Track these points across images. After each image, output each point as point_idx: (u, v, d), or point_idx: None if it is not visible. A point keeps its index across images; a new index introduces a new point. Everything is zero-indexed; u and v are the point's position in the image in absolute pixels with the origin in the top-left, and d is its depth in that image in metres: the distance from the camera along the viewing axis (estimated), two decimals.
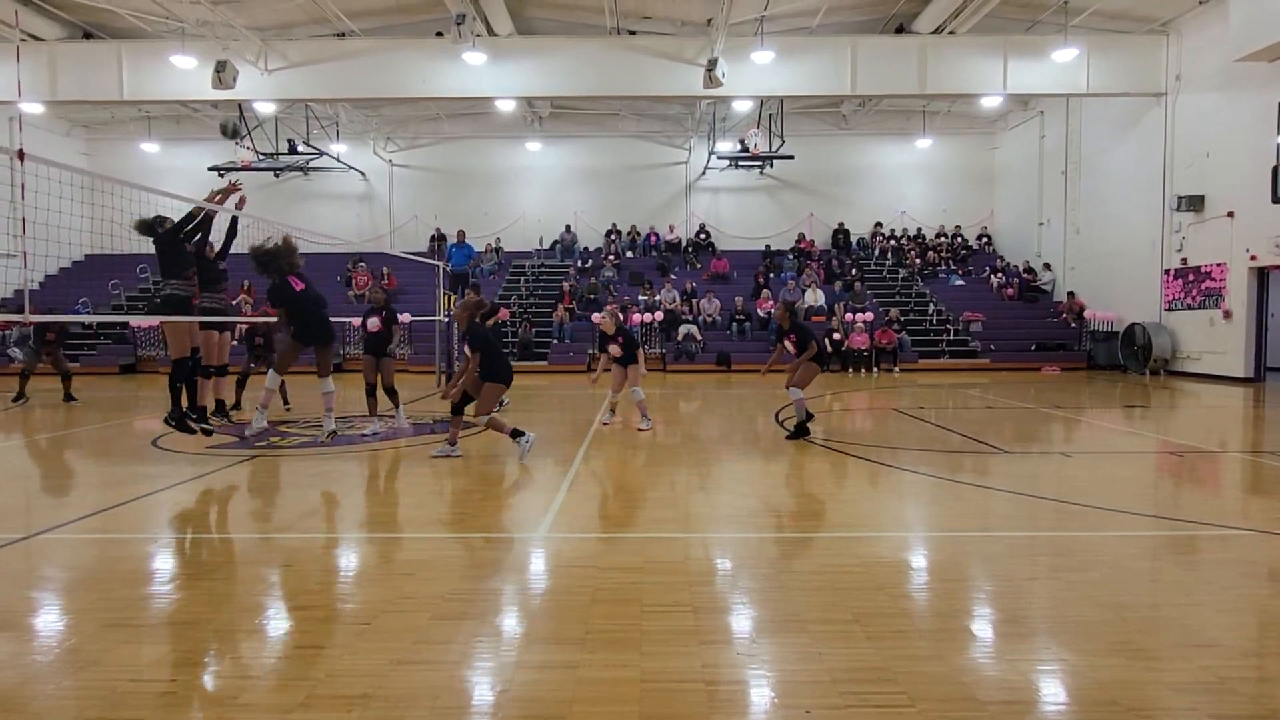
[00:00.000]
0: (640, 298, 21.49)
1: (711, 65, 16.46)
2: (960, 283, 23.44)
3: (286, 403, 11.58)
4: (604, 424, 9.59)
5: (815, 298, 21.68)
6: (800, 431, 8.55)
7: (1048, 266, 22.76)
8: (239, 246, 9.14)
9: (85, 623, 3.52)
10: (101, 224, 18.91)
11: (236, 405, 11.08)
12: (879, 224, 25.52)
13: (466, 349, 7.49)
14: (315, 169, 24.78)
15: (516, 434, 7.37)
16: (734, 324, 20.88)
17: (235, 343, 11.79)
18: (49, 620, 3.64)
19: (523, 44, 17.73)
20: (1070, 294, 21.10)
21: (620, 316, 9.82)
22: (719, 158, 23.41)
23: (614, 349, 9.42)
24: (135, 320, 19.87)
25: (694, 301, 21.69)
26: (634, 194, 25.88)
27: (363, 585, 4.10)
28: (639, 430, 9.15)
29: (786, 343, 8.71)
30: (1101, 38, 17.41)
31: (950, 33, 17.11)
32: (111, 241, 21.55)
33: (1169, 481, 6.84)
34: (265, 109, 21.83)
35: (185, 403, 7.62)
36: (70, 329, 20.84)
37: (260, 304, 21.14)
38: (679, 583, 3.99)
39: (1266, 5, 13.48)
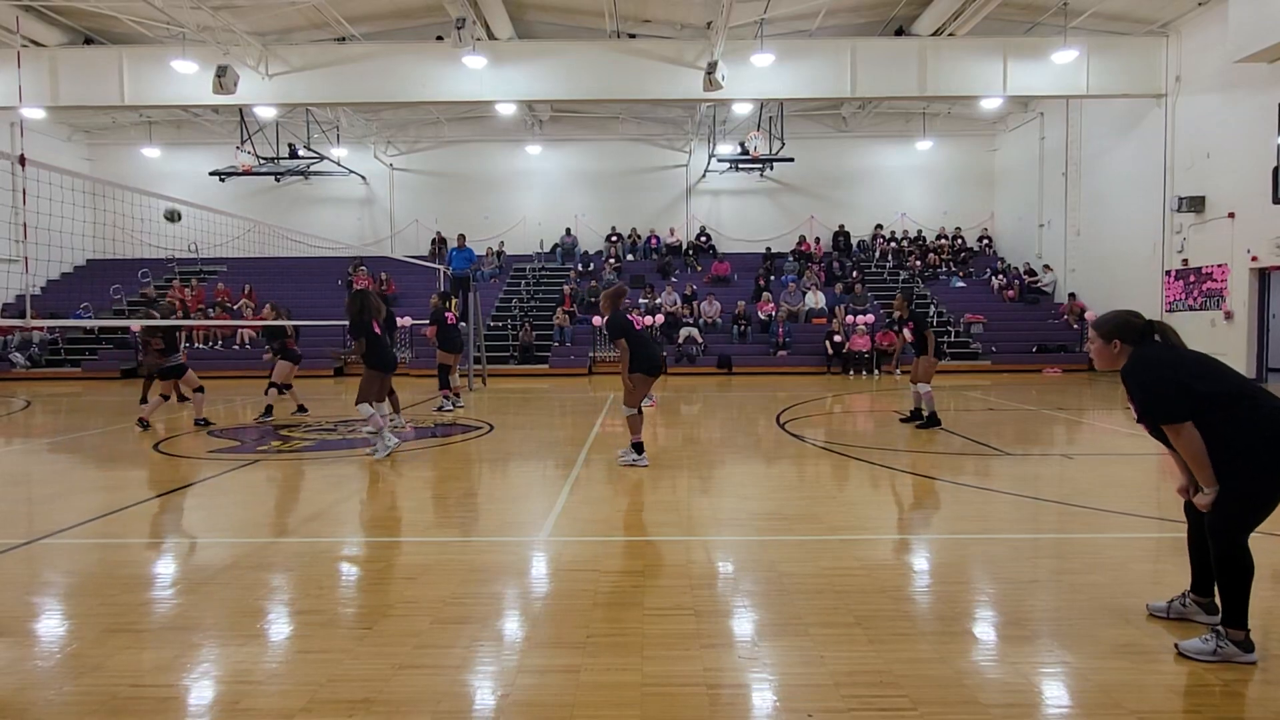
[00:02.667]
0: (641, 301, 21.48)
1: (711, 68, 16.47)
2: (961, 285, 23.43)
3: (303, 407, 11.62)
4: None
5: (816, 300, 21.69)
6: (931, 421, 9.31)
7: (1048, 268, 22.75)
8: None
9: (86, 628, 3.52)
10: (103, 229, 19.02)
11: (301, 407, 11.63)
12: (879, 226, 25.52)
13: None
14: (316, 173, 24.81)
15: (639, 447, 7.20)
16: (735, 327, 20.88)
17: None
18: (50, 625, 3.64)
19: (523, 48, 17.75)
20: (1071, 295, 21.08)
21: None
22: (719, 160, 23.42)
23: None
24: (138, 325, 19.87)
25: (695, 304, 21.69)
26: (634, 197, 25.89)
27: (364, 590, 4.10)
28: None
29: (906, 331, 9.70)
30: (1101, 39, 17.42)
31: (950, 35, 17.12)
32: (113, 246, 21.65)
33: (1171, 483, 6.82)
34: (266, 113, 21.86)
35: None
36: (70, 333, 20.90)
37: (260, 309, 21.16)
38: (680, 586, 3.98)
39: (1266, 7, 13.48)
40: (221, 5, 15.71)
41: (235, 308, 21.57)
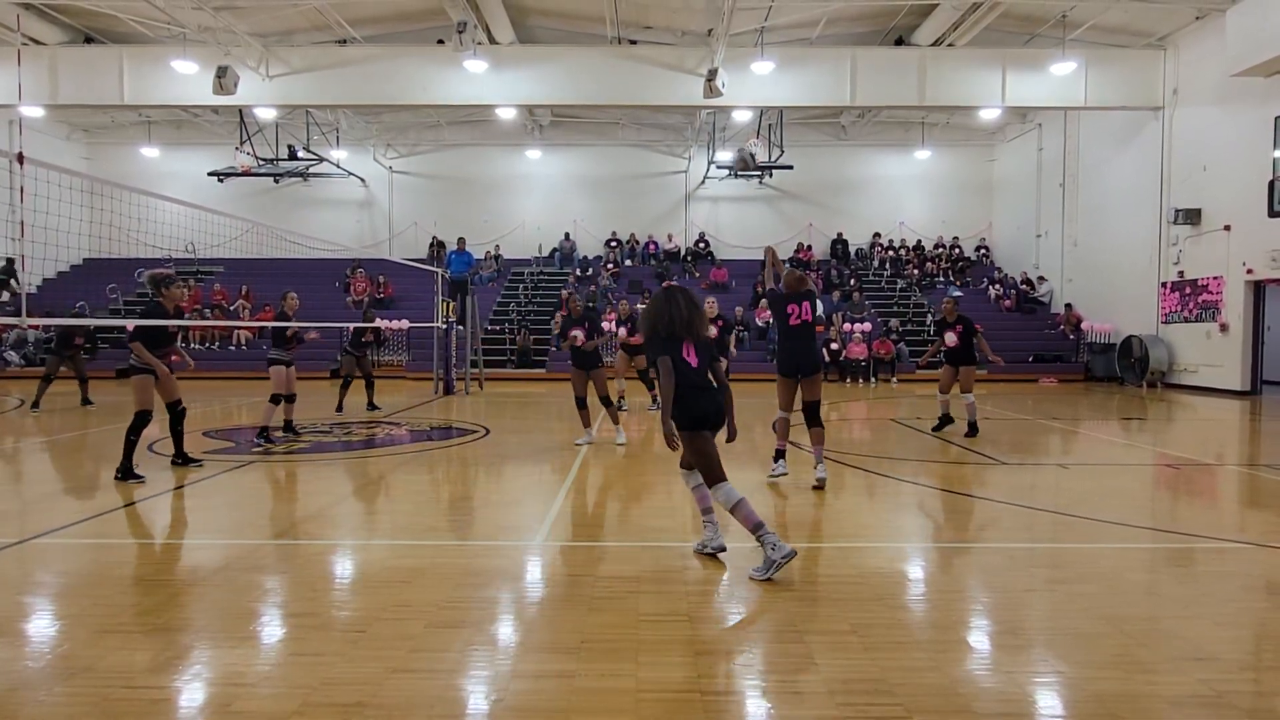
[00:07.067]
0: (639, 306, 21.46)
1: (712, 75, 16.51)
2: (958, 294, 23.42)
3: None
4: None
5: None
6: (970, 428, 9.41)
7: (1043, 278, 22.82)
8: None
9: (78, 628, 3.51)
10: (101, 228, 18.95)
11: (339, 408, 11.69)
12: (878, 234, 25.58)
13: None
14: (315, 175, 24.80)
15: (779, 454, 6.76)
16: (732, 333, 20.87)
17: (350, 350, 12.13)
18: (42, 625, 3.62)
19: (524, 52, 17.79)
20: (1068, 306, 21.13)
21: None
22: (718, 167, 23.46)
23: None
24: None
25: None
26: (634, 202, 25.92)
27: (358, 592, 4.08)
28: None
29: (950, 334, 9.63)
30: (1099, 51, 17.50)
31: (949, 45, 17.19)
32: (111, 246, 21.57)
33: (1166, 494, 6.84)
34: (266, 115, 21.86)
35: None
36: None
37: (258, 311, 21.13)
38: (675, 592, 3.98)
39: (1263, 21, 13.56)
40: (223, 6, 15.72)
41: (232, 309, 21.53)
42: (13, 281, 20.92)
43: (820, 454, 6.46)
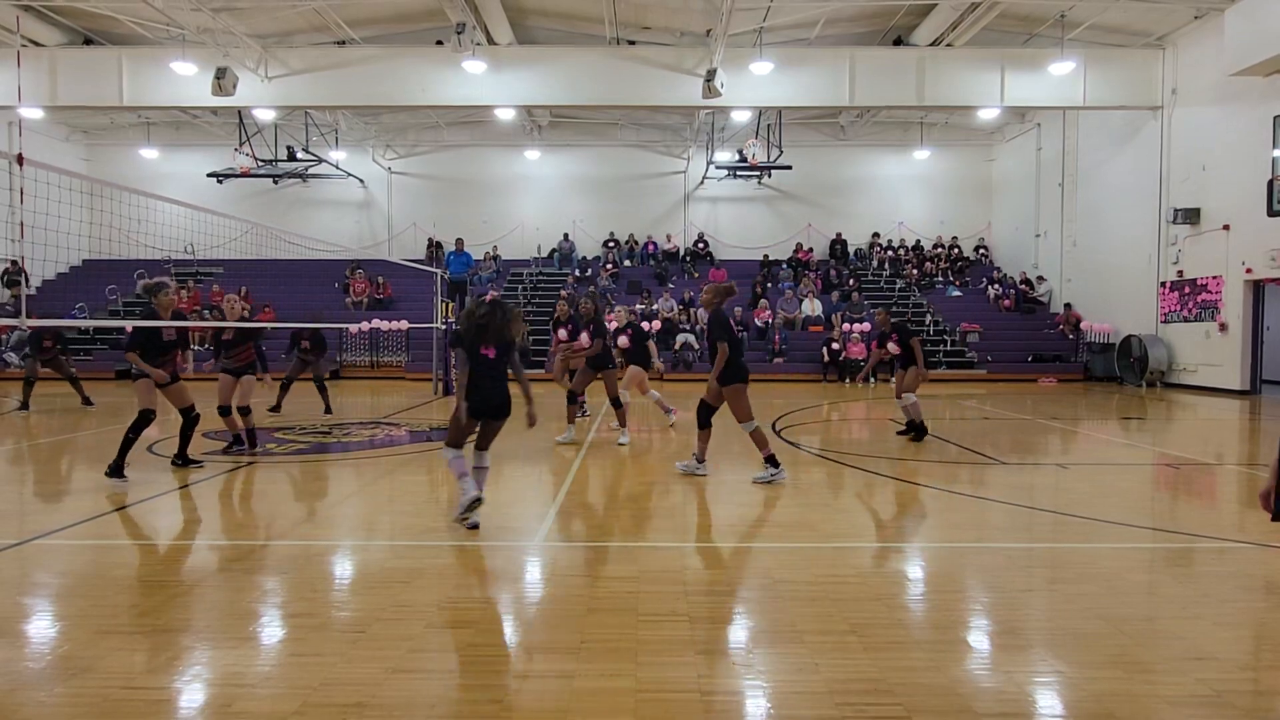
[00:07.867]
0: (638, 306, 21.50)
1: (710, 76, 16.52)
2: (957, 294, 23.48)
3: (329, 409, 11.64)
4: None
5: (813, 308, 21.71)
6: (916, 430, 9.09)
7: (1042, 278, 22.82)
8: None
9: (78, 629, 3.51)
10: (100, 229, 18.99)
11: (276, 408, 11.57)
12: (876, 234, 25.59)
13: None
14: (314, 176, 24.79)
15: (773, 461, 6.76)
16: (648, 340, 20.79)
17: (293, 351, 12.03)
18: (42, 626, 3.62)
19: (522, 53, 17.79)
20: (1067, 306, 21.14)
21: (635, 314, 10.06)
22: (717, 167, 23.47)
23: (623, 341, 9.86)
24: (132, 325, 19.81)
25: (692, 311, 21.71)
26: (632, 203, 25.92)
27: (357, 593, 4.08)
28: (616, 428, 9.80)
29: (890, 345, 9.35)
30: (1098, 51, 17.51)
31: (948, 45, 17.20)
32: (110, 247, 21.59)
33: (1166, 494, 6.85)
34: (265, 116, 21.86)
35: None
36: (67, 334, 20.83)
37: (257, 312, 21.11)
38: (675, 592, 3.98)
39: (1261, 21, 13.58)
40: (222, 7, 15.72)
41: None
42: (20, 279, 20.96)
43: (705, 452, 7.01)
